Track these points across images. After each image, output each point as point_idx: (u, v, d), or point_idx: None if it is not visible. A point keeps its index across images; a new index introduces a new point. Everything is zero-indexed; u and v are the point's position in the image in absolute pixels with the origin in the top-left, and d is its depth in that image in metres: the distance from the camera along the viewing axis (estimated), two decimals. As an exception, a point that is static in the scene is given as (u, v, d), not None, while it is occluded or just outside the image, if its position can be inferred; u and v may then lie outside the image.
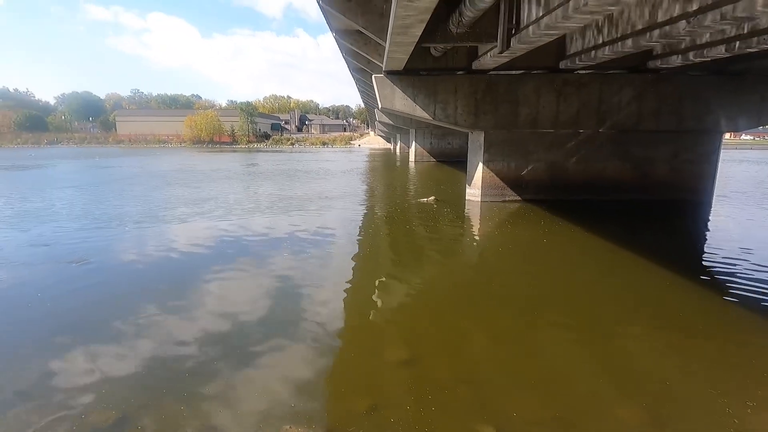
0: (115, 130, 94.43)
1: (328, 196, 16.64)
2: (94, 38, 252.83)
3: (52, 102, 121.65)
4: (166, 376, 4.35)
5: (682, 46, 9.76)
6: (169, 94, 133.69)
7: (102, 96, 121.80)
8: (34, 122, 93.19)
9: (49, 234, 10.40)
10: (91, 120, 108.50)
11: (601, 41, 9.16)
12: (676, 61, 10.48)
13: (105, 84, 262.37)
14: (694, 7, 6.25)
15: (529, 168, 14.14)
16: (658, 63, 11.51)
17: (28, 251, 8.95)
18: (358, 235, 10.54)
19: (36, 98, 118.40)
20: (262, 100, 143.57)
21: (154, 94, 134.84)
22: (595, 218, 11.90)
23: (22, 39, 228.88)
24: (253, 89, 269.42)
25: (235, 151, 61.29)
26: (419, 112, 13.36)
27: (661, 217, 12.48)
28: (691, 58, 9.79)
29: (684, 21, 6.62)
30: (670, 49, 10.44)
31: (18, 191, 18.42)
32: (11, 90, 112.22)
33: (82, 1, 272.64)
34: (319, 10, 11.52)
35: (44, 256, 8.55)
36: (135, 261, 8.34)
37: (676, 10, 6.62)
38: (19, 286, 6.96)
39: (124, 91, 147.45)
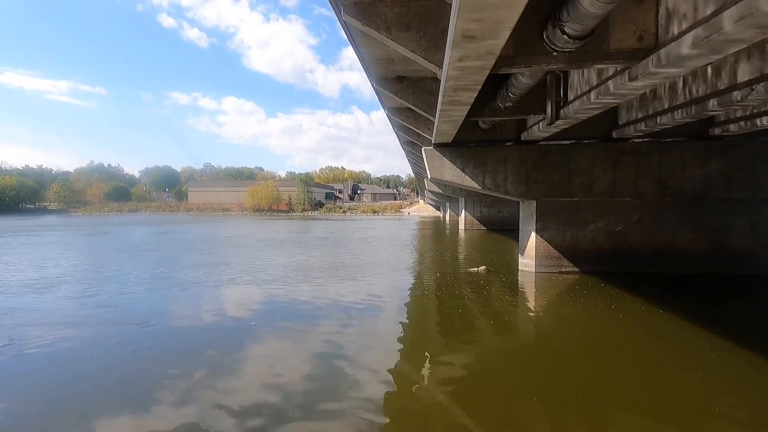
0: (187, 199, 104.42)
1: (376, 263, 16.64)
2: (177, 120, 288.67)
3: (137, 175, 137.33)
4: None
5: (747, 112, 9.28)
6: (235, 166, 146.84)
7: (178, 169, 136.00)
8: (120, 193, 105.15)
9: (110, 294, 11.16)
10: (167, 190, 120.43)
11: (653, 111, 8.95)
12: (744, 127, 9.92)
13: (182, 158, 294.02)
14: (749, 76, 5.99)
15: (587, 238, 13.42)
16: (720, 130, 10.98)
17: (90, 311, 9.61)
18: (406, 307, 10.26)
19: (125, 172, 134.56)
20: (318, 171, 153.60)
21: (223, 166, 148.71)
22: (667, 293, 10.77)
23: (119, 121, 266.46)
24: (310, 160, 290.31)
25: (290, 219, 64.38)
26: (468, 182, 13.43)
27: (747, 294, 11.09)
28: (763, 123, 9.21)
29: (747, 89, 6.35)
30: (733, 115, 9.96)
31: (95, 255, 20.23)
32: (105, 165, 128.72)
33: (169, 89, 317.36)
34: (373, 91, 12.41)
35: (108, 318, 9.11)
36: (188, 324, 8.62)
37: (738, 78, 6.39)
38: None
39: (198, 165, 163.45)
